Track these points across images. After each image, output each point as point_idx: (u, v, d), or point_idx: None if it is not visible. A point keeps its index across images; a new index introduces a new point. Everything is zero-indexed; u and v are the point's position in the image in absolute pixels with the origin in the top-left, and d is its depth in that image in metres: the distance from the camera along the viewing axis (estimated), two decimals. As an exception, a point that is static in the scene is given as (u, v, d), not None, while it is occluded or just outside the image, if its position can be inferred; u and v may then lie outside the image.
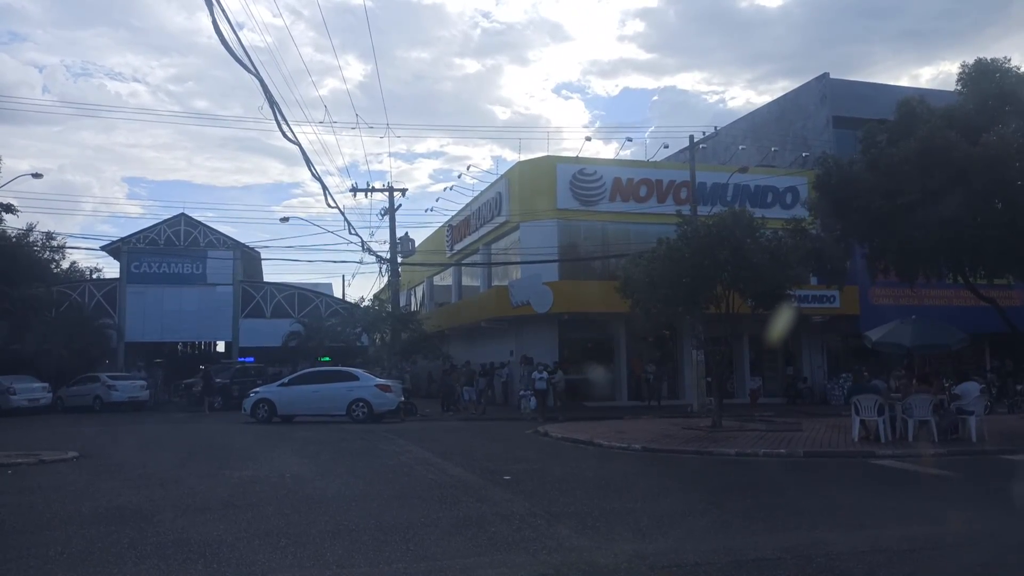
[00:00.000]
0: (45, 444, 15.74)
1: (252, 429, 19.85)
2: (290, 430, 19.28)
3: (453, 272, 39.54)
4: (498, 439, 16.70)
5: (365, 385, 22.67)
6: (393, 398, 22.60)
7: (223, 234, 35.99)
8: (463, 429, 20.43)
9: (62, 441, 16.20)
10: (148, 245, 35.09)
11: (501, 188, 31.93)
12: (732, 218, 15.74)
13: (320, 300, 37.16)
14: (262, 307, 36.32)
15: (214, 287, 35.56)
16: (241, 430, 19.55)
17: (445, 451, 13.71)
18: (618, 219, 30.27)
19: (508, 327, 30.79)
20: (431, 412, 27.88)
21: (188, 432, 19.42)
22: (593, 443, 14.46)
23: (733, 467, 11.82)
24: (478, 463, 12.10)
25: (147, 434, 18.58)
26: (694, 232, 16.22)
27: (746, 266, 15.25)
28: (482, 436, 17.67)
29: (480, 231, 34.23)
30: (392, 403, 22.54)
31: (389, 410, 22.55)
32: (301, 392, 23.07)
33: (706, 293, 16.15)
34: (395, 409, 22.68)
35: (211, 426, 21.30)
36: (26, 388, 28.90)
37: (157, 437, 17.66)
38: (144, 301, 34.69)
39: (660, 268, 16.01)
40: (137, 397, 30.44)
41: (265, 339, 35.66)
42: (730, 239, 15.43)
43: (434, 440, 16.22)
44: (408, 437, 16.79)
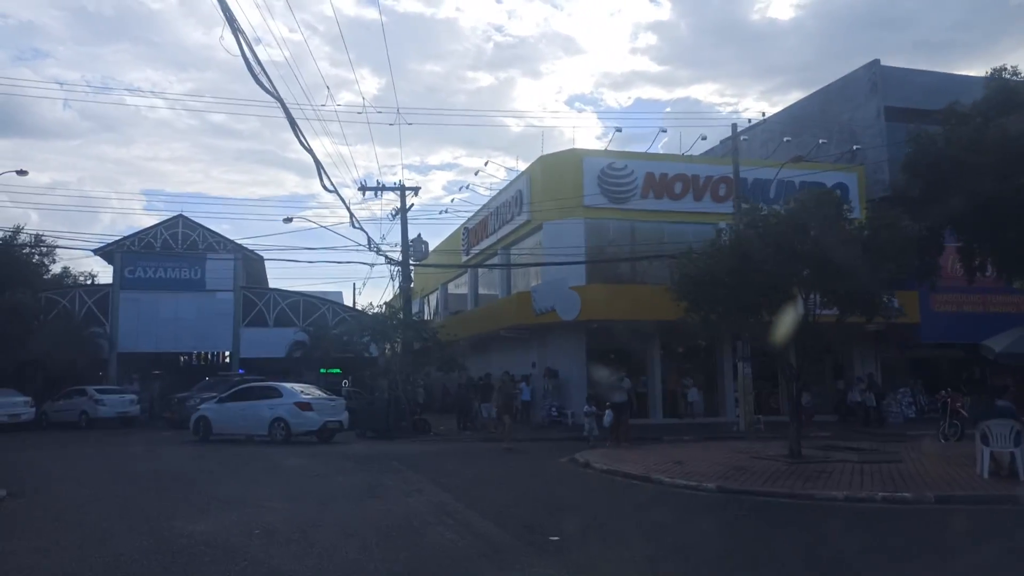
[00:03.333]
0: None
1: (233, 454, 16.90)
2: (279, 456, 16.31)
3: (469, 278, 36.56)
4: (529, 471, 13.64)
5: (284, 403, 19.87)
6: (314, 418, 19.69)
7: (223, 236, 33.21)
8: (484, 454, 17.38)
9: (4, 470, 13.35)
10: (144, 248, 32.36)
11: (522, 185, 28.99)
12: (815, 201, 12.67)
13: (327, 307, 34.27)
14: (264, 315, 33.46)
15: (213, 293, 32.76)
16: (217, 455, 16.63)
17: (466, 491, 10.69)
18: (651, 218, 27.23)
19: (530, 336, 27.77)
20: (446, 430, 24.90)
21: (154, 457, 16.49)
22: (651, 479, 11.38)
23: (854, 520, 8.71)
24: (512, 512, 9.08)
25: (109, 460, 15.59)
26: (764, 220, 13.15)
27: (832, 260, 12.16)
28: (509, 466, 14.63)
29: (499, 232, 31.27)
30: (313, 423, 19.66)
31: (309, 430, 19.70)
32: (231, 409, 20.73)
33: (780, 295, 13.07)
34: (316, 430, 19.78)
35: (183, 449, 18.36)
36: (6, 403, 26.08)
37: (117, 464, 14.68)
38: (138, 308, 31.91)
39: (725, 263, 12.97)
40: (127, 412, 27.61)
41: (268, 349, 32.81)
42: (813, 226, 12.37)
43: (451, 473, 13.20)
44: (420, 467, 13.76)
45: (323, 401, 20.54)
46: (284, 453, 16.82)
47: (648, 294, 25.98)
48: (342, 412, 20.98)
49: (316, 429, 19.71)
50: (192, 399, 26.80)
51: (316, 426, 19.67)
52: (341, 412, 20.94)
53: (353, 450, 18.09)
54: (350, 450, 18.09)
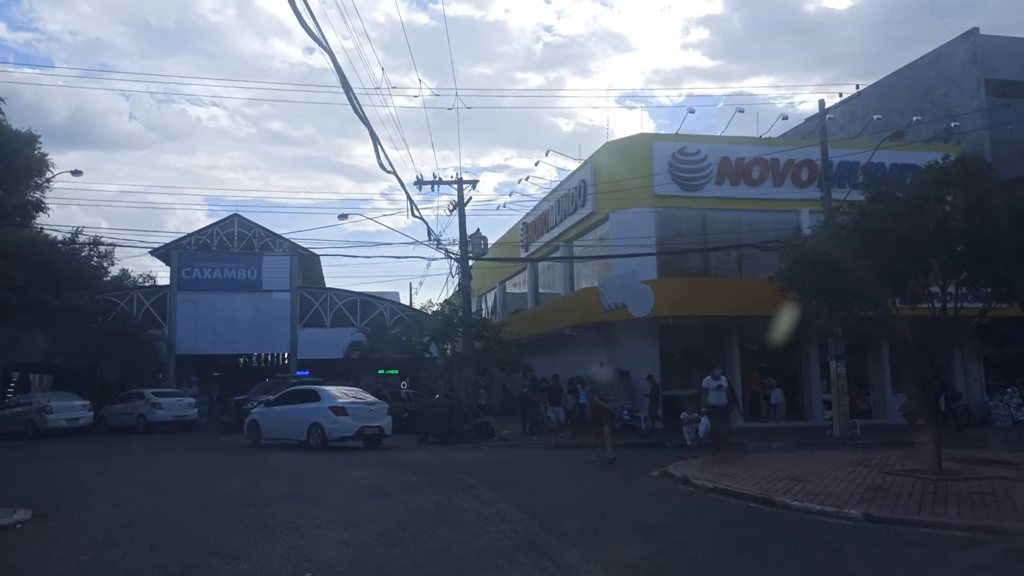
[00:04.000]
0: (17, 486, 11.70)
1: (286, 463, 15.44)
2: (336, 466, 14.80)
3: (529, 276, 34.81)
4: (622, 490, 11.76)
5: (321, 407, 18.64)
6: (349, 423, 18.32)
7: (279, 235, 32.17)
8: (560, 464, 15.59)
9: (43, 481, 12.16)
10: (199, 248, 31.55)
11: (585, 175, 27.12)
12: (959, 167, 10.49)
13: (384, 307, 32.93)
14: (321, 315, 32.30)
15: (270, 294, 31.75)
16: (269, 464, 15.20)
17: (555, 517, 8.88)
18: (726, 206, 25.06)
19: (597, 335, 25.86)
20: (509, 434, 23.21)
21: (202, 467, 15.13)
22: (772, 502, 9.39)
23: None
24: (622, 553, 7.23)
25: (154, 470, 14.22)
26: (893, 191, 10.99)
27: (984, 237, 9.99)
28: (592, 480, 12.79)
29: (561, 226, 29.44)
30: (348, 428, 18.32)
31: (344, 436, 18.37)
32: (277, 413, 19.86)
33: (914, 280, 10.93)
34: (351, 435, 18.43)
35: (234, 457, 17.02)
36: (65, 406, 25.43)
37: (162, 476, 13.29)
38: (195, 309, 31.08)
39: (847, 244, 10.88)
40: (184, 416, 26.67)
41: (325, 350, 31.64)
42: (959, 197, 10.21)
43: (531, 490, 11.41)
44: (494, 482, 12.02)
45: (359, 405, 19.09)
46: (340, 463, 15.30)
47: (725, 288, 23.86)
48: (382, 417, 19.42)
49: (351, 435, 18.40)
50: (249, 402, 25.69)
51: (351, 431, 18.35)
52: (381, 417, 19.39)
53: (415, 458, 16.49)
54: (412, 458, 16.51)
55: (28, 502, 9.67)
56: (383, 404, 20.20)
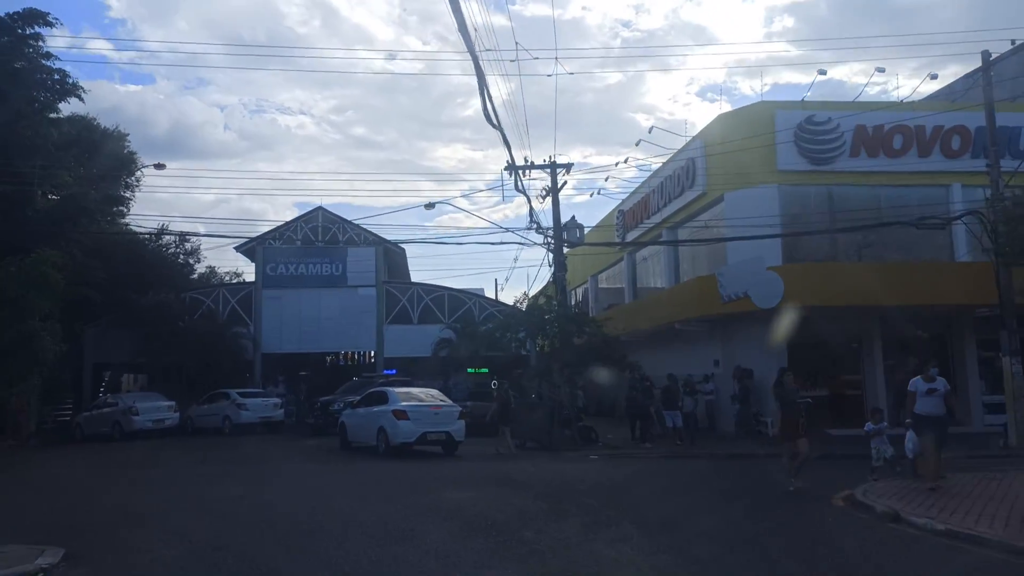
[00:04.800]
0: (68, 507, 9.91)
1: (372, 475, 13.28)
2: (433, 482, 12.52)
3: (626, 268, 31.98)
4: (803, 525, 8.92)
5: (386, 411, 17.10)
6: (410, 428, 16.62)
7: (363, 228, 30.44)
8: (695, 480, 12.87)
9: (98, 500, 10.36)
10: (284, 243, 30.19)
11: (694, 153, 24.14)
12: None
13: (473, 302, 30.79)
14: (408, 311, 30.43)
15: (355, 289, 30.07)
16: (356, 479, 13.06)
17: None
18: (863, 180, 21.67)
19: (710, 330, 22.92)
20: (614, 439, 20.68)
21: (281, 480, 13.07)
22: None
23: None
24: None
25: (226, 487, 12.02)
26: None
27: None
28: (756, 509, 9.99)
29: (664, 211, 26.53)
30: (409, 435, 16.63)
31: (405, 442, 16.67)
32: (358, 416, 18.61)
33: None
34: (412, 442, 16.72)
35: (322, 468, 14.96)
36: (150, 407, 24.32)
37: (235, 495, 11.11)
38: (281, 306, 29.72)
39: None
40: (270, 418, 25.19)
41: (412, 348, 29.74)
42: None
43: (687, 527, 8.74)
44: (630, 511, 9.43)
45: (422, 409, 17.16)
46: (434, 477, 13.02)
47: (868, 273, 20.49)
48: (451, 422, 17.34)
49: (412, 441, 16.67)
50: (336, 403, 23.96)
51: (412, 438, 16.61)
52: (449, 422, 17.33)
53: (520, 471, 14.08)
54: (516, 471, 14.11)
55: (68, 532, 7.76)
56: (454, 408, 18.06)
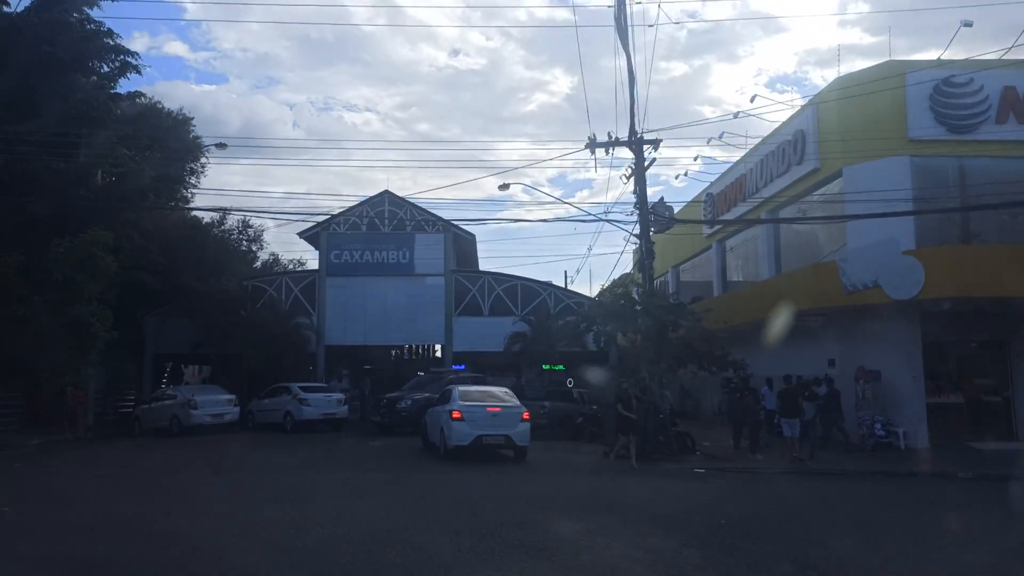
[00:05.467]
0: (91, 531, 7.95)
1: (448, 492, 11.01)
2: (514, 494, 10.18)
3: (715, 258, 29.08)
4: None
5: (446, 410, 15.74)
6: (464, 431, 15.20)
7: (431, 214, 28.45)
8: (863, 509, 10.18)
9: (126, 523, 8.38)
10: (349, 229, 28.40)
11: (804, 123, 21.21)
12: None
13: (548, 293, 28.42)
14: (479, 303, 28.27)
15: (423, 278, 28.09)
16: (426, 491, 10.80)
17: None
18: (1012, 151, 18.41)
19: (825, 324, 20.01)
20: (710, 446, 18.22)
21: (349, 494, 10.81)
22: None
23: None
24: None
25: (283, 502, 9.87)
26: None
27: None
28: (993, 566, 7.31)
29: (764, 191, 23.63)
30: (463, 438, 15.20)
31: (459, 445, 15.22)
32: (433, 415, 17.04)
33: None
34: (467, 445, 15.22)
35: (400, 479, 12.74)
36: (209, 401, 22.81)
37: (292, 517, 8.83)
38: (345, 296, 27.95)
39: None
40: (333, 414, 23.38)
41: (483, 341, 27.59)
42: None
43: None
44: (789, 548, 6.96)
45: (477, 410, 15.49)
46: (526, 497, 10.67)
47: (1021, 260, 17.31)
48: (513, 425, 15.51)
49: (466, 444, 15.18)
50: (403, 400, 21.99)
51: (466, 441, 15.17)
52: (511, 425, 15.51)
53: (627, 491, 11.70)
54: (622, 491, 11.73)
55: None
56: (516, 409, 15.94)
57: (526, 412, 16.22)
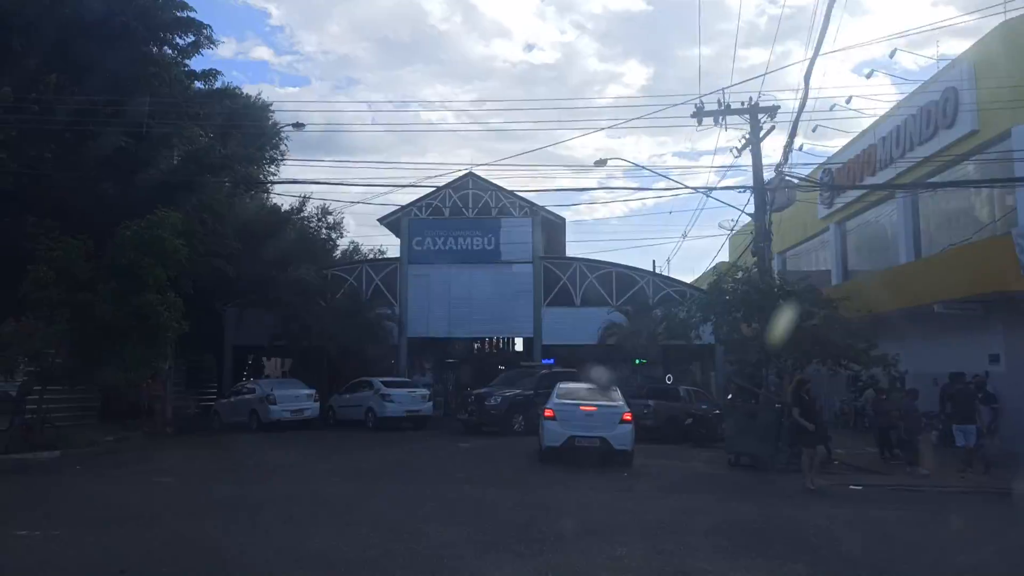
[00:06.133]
0: None
1: (569, 501, 8.73)
2: (647, 517, 7.81)
3: (834, 241, 25.91)
4: None
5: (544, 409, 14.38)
6: (556, 431, 13.81)
7: (519, 197, 26.33)
8: None
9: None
10: (431, 214, 26.57)
11: (957, 80, 17.97)
12: None
13: (646, 281, 25.83)
14: (570, 291, 25.96)
15: (510, 265, 26.00)
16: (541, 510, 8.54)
17: None
18: None
19: (985, 315, 16.79)
20: (844, 453, 15.40)
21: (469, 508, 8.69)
22: None
23: None
24: None
25: (376, 527, 7.89)
26: None
27: None
28: None
29: (899, 163, 20.41)
30: (554, 438, 13.80)
31: (551, 446, 13.85)
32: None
33: None
34: (558, 446, 13.74)
35: (507, 496, 10.54)
36: (288, 396, 21.39)
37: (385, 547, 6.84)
38: (428, 285, 26.15)
39: None
40: (418, 411, 21.63)
41: (574, 334, 25.29)
42: None
43: None
44: None
45: (571, 409, 13.97)
46: (691, 524, 8.32)
47: None
48: (611, 426, 13.74)
49: (558, 445, 13.72)
50: (493, 396, 19.97)
51: (557, 442, 13.72)
52: (608, 426, 13.74)
53: (771, 512, 9.22)
54: (764, 512, 9.26)
55: None
56: (615, 409, 14.06)
57: (627, 412, 14.28)
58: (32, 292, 14.27)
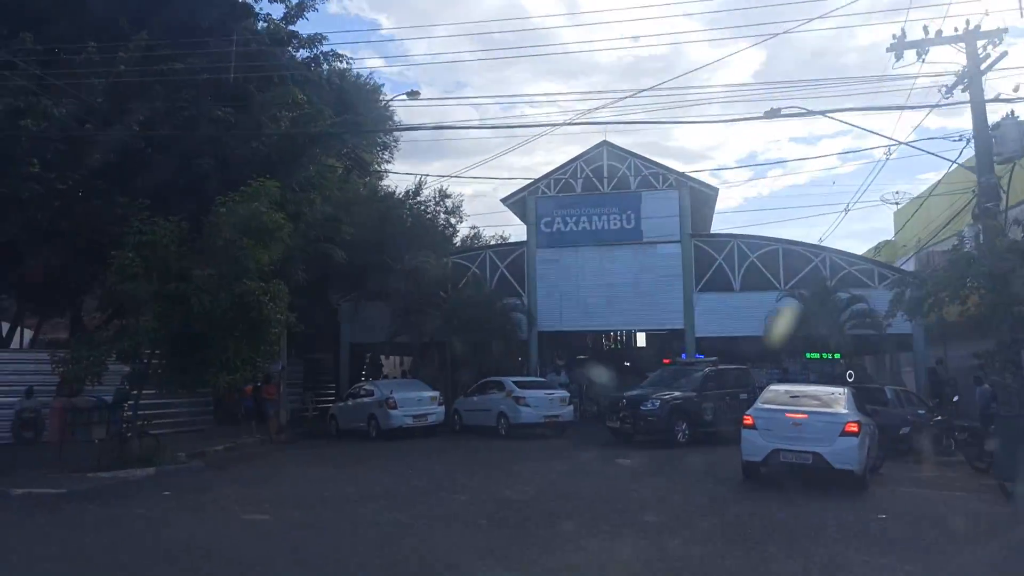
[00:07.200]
0: None
1: None
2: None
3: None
4: None
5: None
6: (758, 443, 11.02)
7: (662, 166, 22.53)
8: None
9: None
10: (561, 192, 23.23)
11: None
12: None
13: (821, 258, 21.36)
14: (727, 274, 21.87)
15: (653, 246, 22.27)
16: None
17: None
18: None
19: None
20: None
21: None
22: None
23: None
24: None
25: None
26: None
27: None
28: None
29: None
30: (755, 452, 11.08)
31: (751, 461, 11.21)
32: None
33: None
34: (760, 461, 11.02)
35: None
36: (410, 399, 18.69)
37: None
38: (559, 272, 22.80)
39: None
40: (557, 416, 18.41)
41: (733, 324, 21.26)
42: None
43: None
44: None
45: (775, 416, 11.10)
46: None
47: None
48: (828, 438, 10.57)
49: (758, 460, 11.04)
50: (648, 400, 16.37)
51: (758, 456, 11.02)
52: (823, 438, 10.59)
53: None
54: None
55: None
56: (837, 418, 10.79)
57: (853, 421, 10.76)
58: (118, 282, 12.05)
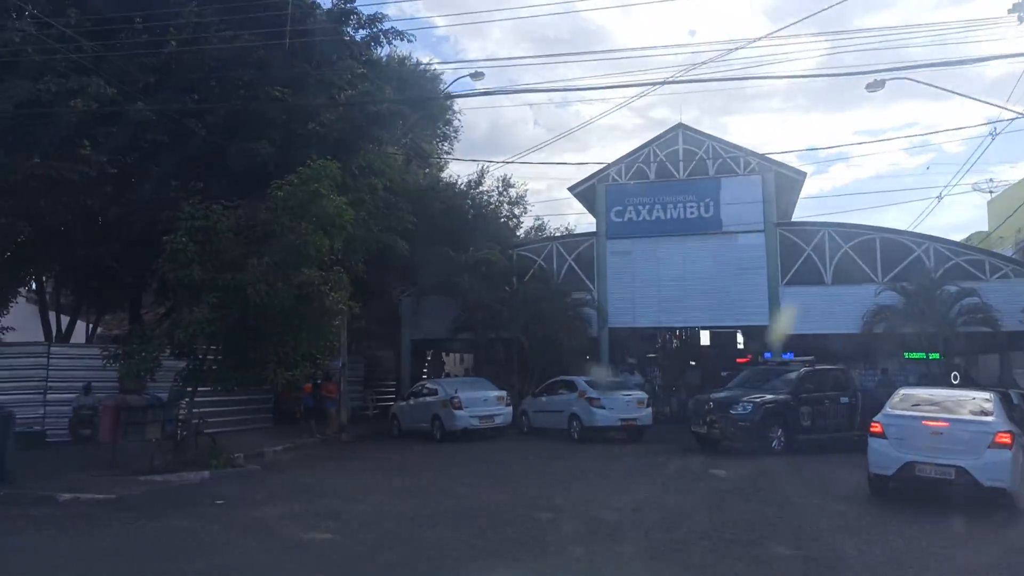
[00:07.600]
0: None
1: None
2: None
3: None
4: None
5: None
6: (890, 455, 9.43)
7: (743, 149, 20.83)
8: None
9: None
10: (633, 179, 21.72)
11: None
12: None
13: (924, 248, 19.31)
14: (817, 266, 20.01)
15: (734, 236, 20.57)
16: None
17: None
18: None
19: None
20: None
21: None
22: None
23: None
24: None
25: None
26: None
27: None
28: None
29: None
30: (886, 464, 9.46)
31: (881, 475, 9.55)
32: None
33: None
34: (891, 475, 9.42)
35: None
36: (477, 399, 17.53)
37: None
38: (631, 264, 21.30)
39: None
40: (634, 420, 16.93)
41: (825, 320, 19.42)
42: None
43: None
44: None
45: (909, 424, 9.50)
46: None
47: None
48: (974, 451, 8.94)
49: (890, 474, 9.50)
50: (739, 404, 14.75)
51: (890, 469, 9.44)
52: (968, 450, 8.96)
53: None
54: None
55: None
56: (982, 427, 9.15)
57: (1003, 432, 9.10)
58: (171, 270, 11.18)
